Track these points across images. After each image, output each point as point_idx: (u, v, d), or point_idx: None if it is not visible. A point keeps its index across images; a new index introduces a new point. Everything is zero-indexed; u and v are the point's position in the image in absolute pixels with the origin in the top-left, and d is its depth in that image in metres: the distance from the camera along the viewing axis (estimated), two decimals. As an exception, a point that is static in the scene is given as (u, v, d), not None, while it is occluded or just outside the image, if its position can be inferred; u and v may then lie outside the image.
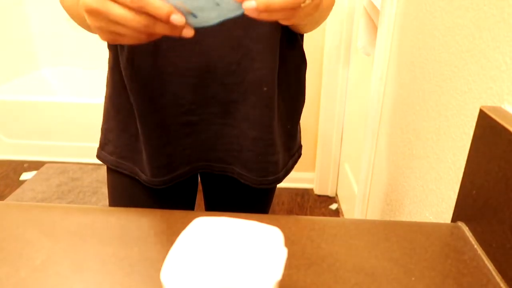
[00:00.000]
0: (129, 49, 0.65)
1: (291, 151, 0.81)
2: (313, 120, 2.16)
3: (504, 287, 0.43)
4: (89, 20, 0.44)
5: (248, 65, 0.65)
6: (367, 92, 1.55)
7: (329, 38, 1.92)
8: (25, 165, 2.56)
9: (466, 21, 0.63)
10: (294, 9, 0.43)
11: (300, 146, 0.86)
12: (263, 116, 0.69)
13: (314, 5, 0.47)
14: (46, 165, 2.52)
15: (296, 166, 0.85)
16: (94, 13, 0.42)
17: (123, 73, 0.68)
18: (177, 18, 0.41)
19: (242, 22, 0.56)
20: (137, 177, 0.75)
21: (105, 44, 0.72)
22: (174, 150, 0.71)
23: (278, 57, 0.68)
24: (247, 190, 0.82)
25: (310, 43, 1.97)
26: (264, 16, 0.42)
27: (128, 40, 0.45)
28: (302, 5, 0.43)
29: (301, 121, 0.83)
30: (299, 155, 0.85)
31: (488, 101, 0.55)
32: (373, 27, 1.37)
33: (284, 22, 0.47)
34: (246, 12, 0.42)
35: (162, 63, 0.65)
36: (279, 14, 0.43)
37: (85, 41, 2.84)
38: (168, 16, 0.40)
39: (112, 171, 0.79)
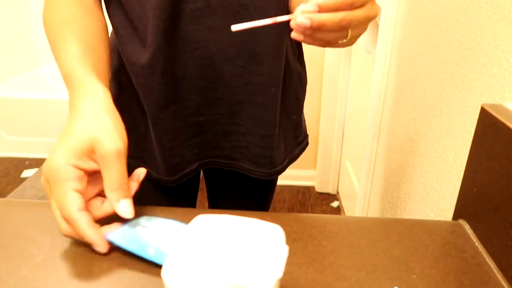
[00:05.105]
0: (148, 56, 0.64)
1: (298, 139, 0.83)
2: (315, 118, 2.16)
3: (505, 285, 0.43)
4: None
5: (254, 69, 0.66)
6: (368, 89, 1.55)
7: (330, 35, 1.91)
8: (26, 162, 2.56)
9: (467, 18, 0.62)
10: (331, 42, 0.48)
11: (307, 135, 0.88)
12: (271, 115, 0.71)
13: (350, 42, 0.51)
14: (47, 162, 2.52)
15: (297, 164, 0.85)
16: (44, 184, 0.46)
17: (134, 80, 0.67)
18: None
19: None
20: (147, 175, 0.76)
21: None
22: (184, 150, 0.72)
23: (284, 60, 0.69)
24: (250, 183, 0.83)
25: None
26: (308, 40, 0.46)
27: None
28: (340, 42, 0.48)
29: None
30: (307, 143, 0.87)
31: (490, 99, 0.55)
32: (375, 24, 1.37)
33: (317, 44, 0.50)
34: (293, 36, 0.46)
35: (174, 69, 0.65)
36: (322, 37, 0.46)
37: (86, 39, 2.84)
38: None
39: None
